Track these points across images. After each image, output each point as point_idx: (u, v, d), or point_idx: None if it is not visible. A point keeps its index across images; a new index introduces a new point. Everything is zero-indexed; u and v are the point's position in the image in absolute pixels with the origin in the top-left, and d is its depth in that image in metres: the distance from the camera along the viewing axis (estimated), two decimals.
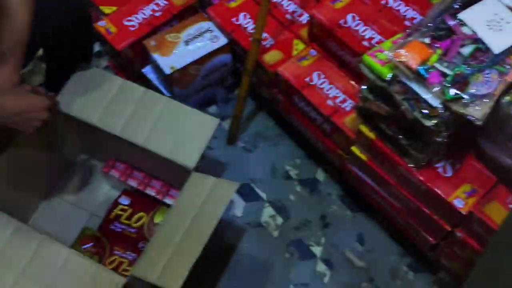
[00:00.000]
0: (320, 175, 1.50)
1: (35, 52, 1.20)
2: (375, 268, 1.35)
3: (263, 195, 1.47)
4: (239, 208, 1.45)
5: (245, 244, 1.39)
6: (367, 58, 0.92)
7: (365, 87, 0.97)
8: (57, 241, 1.10)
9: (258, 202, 1.46)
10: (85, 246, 1.23)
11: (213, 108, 1.62)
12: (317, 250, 1.38)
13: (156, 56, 1.39)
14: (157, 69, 1.43)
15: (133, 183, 1.36)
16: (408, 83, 0.87)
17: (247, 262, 1.36)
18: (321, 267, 1.35)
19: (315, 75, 1.28)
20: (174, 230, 1.07)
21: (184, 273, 0.99)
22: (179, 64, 1.37)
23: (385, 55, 0.90)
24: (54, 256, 1.07)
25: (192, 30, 1.43)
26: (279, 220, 1.43)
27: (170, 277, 1.00)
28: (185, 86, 1.44)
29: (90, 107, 1.25)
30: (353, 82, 1.26)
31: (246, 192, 1.47)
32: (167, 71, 1.37)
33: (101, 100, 1.25)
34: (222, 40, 1.41)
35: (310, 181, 1.49)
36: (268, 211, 1.44)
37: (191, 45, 1.41)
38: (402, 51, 0.86)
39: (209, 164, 1.42)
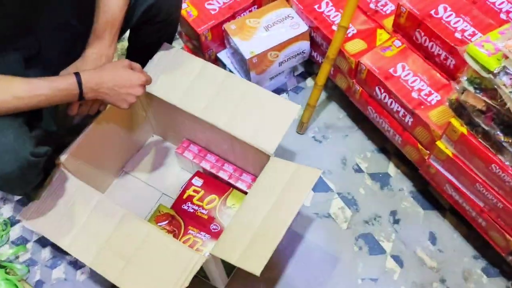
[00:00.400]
0: (392, 170, 1.47)
1: (126, 29, 1.22)
2: (447, 269, 1.31)
3: (332, 186, 1.45)
4: (308, 197, 1.44)
5: (313, 234, 1.38)
6: (473, 48, 0.88)
7: (466, 78, 0.93)
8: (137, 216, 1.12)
9: (327, 193, 1.44)
10: (160, 223, 1.25)
11: (283, 97, 1.62)
12: (387, 245, 1.35)
13: (236, 40, 1.39)
14: (236, 53, 1.43)
15: (206, 165, 1.37)
16: None
17: (314, 252, 1.35)
18: (390, 263, 1.33)
19: (399, 66, 1.25)
20: (254, 213, 1.07)
21: (266, 257, 0.99)
22: (259, 49, 1.37)
23: (493, 46, 0.87)
24: (135, 231, 1.09)
25: (272, 15, 1.42)
26: (348, 212, 1.41)
27: (252, 260, 1.00)
28: (262, 72, 1.44)
29: (171, 87, 1.26)
30: (439, 75, 1.22)
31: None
32: (247, 55, 1.36)
33: (183, 81, 1.26)
34: (303, 27, 1.40)
35: (381, 176, 1.46)
36: (337, 202, 1.43)
37: (270, 30, 1.40)
38: None
39: (278, 152, 1.41)
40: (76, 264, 1.36)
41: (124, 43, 1.79)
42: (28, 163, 0.98)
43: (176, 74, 1.27)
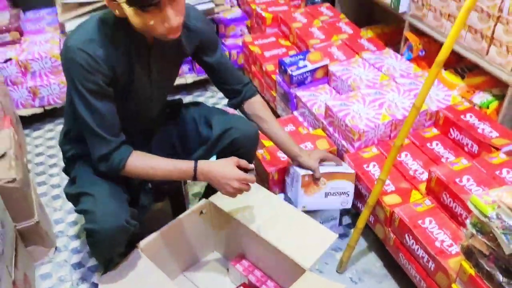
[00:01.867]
0: None
1: (212, 154, 1.61)
2: None
3: None
4: None
5: None
6: (475, 198, 1.14)
7: (470, 222, 1.17)
8: None
9: None
10: None
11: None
12: None
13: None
14: (292, 180, 1.74)
15: (252, 278, 1.60)
16: (507, 220, 1.06)
17: None
18: None
19: (427, 220, 1.49)
20: None
21: None
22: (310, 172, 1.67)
23: (490, 198, 1.12)
24: None
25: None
26: None
27: None
28: (310, 193, 1.69)
29: (236, 207, 1.57)
30: (461, 232, 1.44)
31: None
32: (302, 172, 1.65)
33: (250, 204, 1.58)
34: (350, 170, 1.70)
35: None
36: None
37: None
38: (504, 195, 1.08)
39: None
40: None
41: None
42: (121, 226, 1.31)
43: (245, 199, 1.59)
